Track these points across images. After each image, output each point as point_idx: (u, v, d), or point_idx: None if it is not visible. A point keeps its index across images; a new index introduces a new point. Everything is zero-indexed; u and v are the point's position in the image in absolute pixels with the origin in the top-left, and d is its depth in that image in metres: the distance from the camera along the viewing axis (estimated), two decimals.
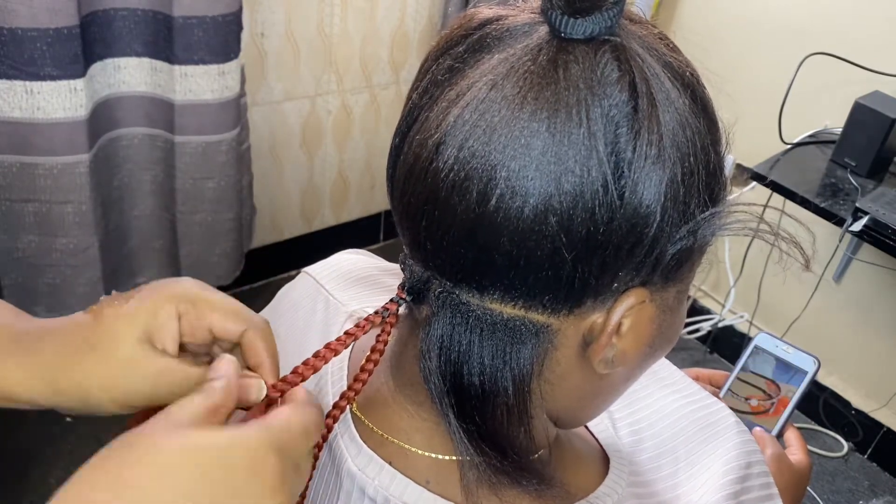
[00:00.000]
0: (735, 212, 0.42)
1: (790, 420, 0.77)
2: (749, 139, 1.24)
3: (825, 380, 2.00)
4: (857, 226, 1.44)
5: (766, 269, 1.96)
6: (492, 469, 0.44)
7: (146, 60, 1.53)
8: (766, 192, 1.62)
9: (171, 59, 1.53)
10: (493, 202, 0.37)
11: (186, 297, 0.44)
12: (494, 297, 0.40)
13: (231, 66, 1.59)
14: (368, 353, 0.47)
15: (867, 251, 1.78)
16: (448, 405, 0.43)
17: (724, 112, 0.43)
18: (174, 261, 1.80)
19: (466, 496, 0.45)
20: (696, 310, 2.22)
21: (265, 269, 2.15)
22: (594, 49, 0.38)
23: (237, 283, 1.98)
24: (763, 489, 0.53)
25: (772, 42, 1.87)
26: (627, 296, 0.40)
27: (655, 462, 0.55)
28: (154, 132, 1.62)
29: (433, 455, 0.46)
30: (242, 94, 1.70)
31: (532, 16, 0.40)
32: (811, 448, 1.71)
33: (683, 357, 2.19)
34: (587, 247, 0.37)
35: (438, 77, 0.41)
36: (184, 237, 1.76)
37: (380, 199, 2.38)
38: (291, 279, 0.66)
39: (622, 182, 0.37)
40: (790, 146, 1.75)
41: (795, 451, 0.74)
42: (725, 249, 2.04)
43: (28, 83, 1.37)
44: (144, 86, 1.56)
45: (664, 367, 0.61)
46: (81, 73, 1.41)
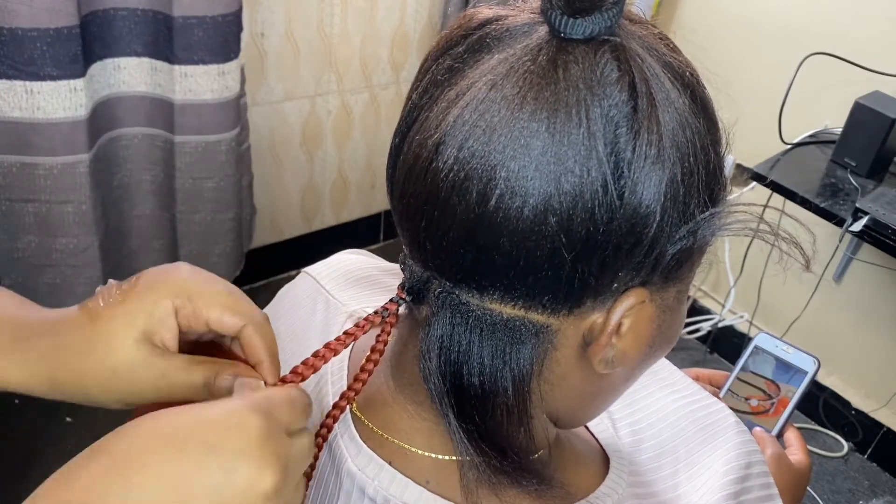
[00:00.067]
0: (735, 212, 0.42)
1: (790, 420, 0.77)
2: (749, 139, 1.24)
3: (825, 380, 2.00)
4: (857, 226, 1.44)
5: (766, 269, 1.96)
6: (492, 469, 0.44)
7: (146, 60, 1.53)
8: (766, 192, 1.61)
9: (171, 59, 1.53)
10: (493, 202, 0.37)
11: (183, 292, 0.43)
12: (494, 298, 0.40)
13: (231, 66, 1.59)
14: (368, 353, 0.47)
15: (867, 251, 1.78)
16: (448, 405, 0.43)
17: (724, 112, 0.43)
18: (174, 260, 1.78)
19: (466, 496, 0.45)
20: (696, 310, 2.22)
21: (265, 269, 2.15)
22: (594, 49, 0.38)
23: (237, 283, 1.94)
24: (763, 489, 0.53)
25: (772, 42, 1.87)
26: (627, 296, 0.40)
27: (655, 462, 0.55)
28: (154, 132, 1.62)
29: (433, 455, 0.46)
30: (242, 94, 1.70)
31: (532, 16, 0.40)
32: (811, 448, 1.71)
33: (683, 357, 2.19)
34: (587, 247, 0.37)
35: (438, 77, 0.41)
36: (183, 237, 1.76)
37: (380, 199, 2.38)
38: (291, 279, 0.66)
39: (622, 182, 0.37)
40: (790, 146, 1.75)
41: (795, 451, 0.74)
42: (725, 249, 2.04)
43: (28, 83, 1.37)
44: (144, 86, 1.56)
45: (664, 367, 0.61)
46: (81, 73, 1.41)
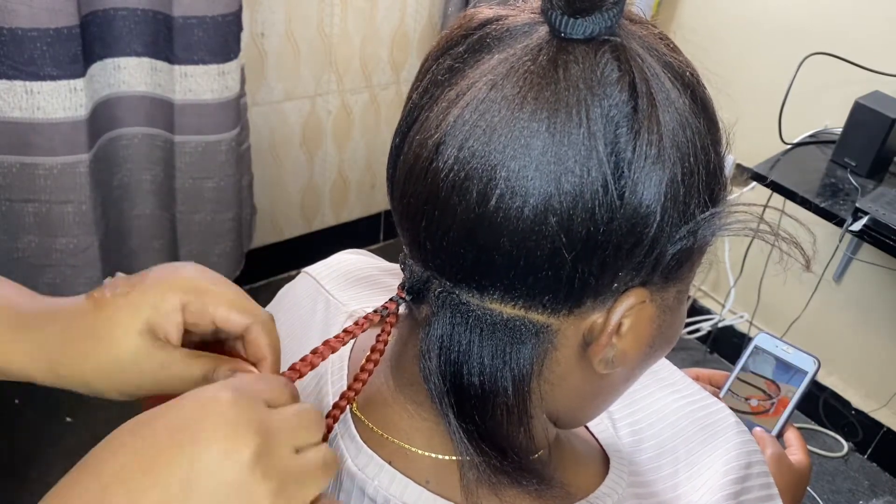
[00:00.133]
0: (735, 212, 0.42)
1: (790, 420, 0.77)
2: (749, 139, 1.24)
3: (825, 380, 2.00)
4: (857, 226, 1.44)
5: (766, 270, 1.96)
6: (492, 469, 0.44)
7: (146, 60, 1.53)
8: (766, 192, 1.61)
9: (171, 59, 1.53)
10: (493, 202, 0.37)
11: (192, 289, 0.44)
12: (494, 297, 0.40)
13: (231, 66, 1.59)
14: (368, 353, 0.47)
15: (867, 251, 1.78)
16: (448, 405, 0.43)
17: (724, 112, 0.43)
18: (174, 260, 1.80)
19: (466, 496, 0.45)
20: (696, 310, 2.22)
21: (265, 269, 2.15)
22: (594, 49, 0.38)
23: (237, 283, 1.94)
24: (763, 489, 0.53)
25: (772, 42, 1.87)
26: (627, 296, 0.40)
27: (655, 462, 0.55)
28: (154, 132, 1.62)
29: (433, 455, 0.46)
30: (242, 94, 1.70)
31: (532, 16, 0.40)
32: (811, 448, 1.70)
33: (683, 357, 2.19)
34: (587, 247, 0.37)
35: (438, 77, 0.41)
36: (183, 237, 1.76)
37: (380, 199, 2.37)
38: (291, 279, 0.66)
39: (622, 182, 0.37)
40: (790, 146, 1.75)
41: (795, 451, 0.74)
42: (725, 249, 2.04)
43: (28, 83, 1.37)
44: (144, 86, 1.56)
45: (664, 367, 0.61)
46: (81, 73, 1.41)
